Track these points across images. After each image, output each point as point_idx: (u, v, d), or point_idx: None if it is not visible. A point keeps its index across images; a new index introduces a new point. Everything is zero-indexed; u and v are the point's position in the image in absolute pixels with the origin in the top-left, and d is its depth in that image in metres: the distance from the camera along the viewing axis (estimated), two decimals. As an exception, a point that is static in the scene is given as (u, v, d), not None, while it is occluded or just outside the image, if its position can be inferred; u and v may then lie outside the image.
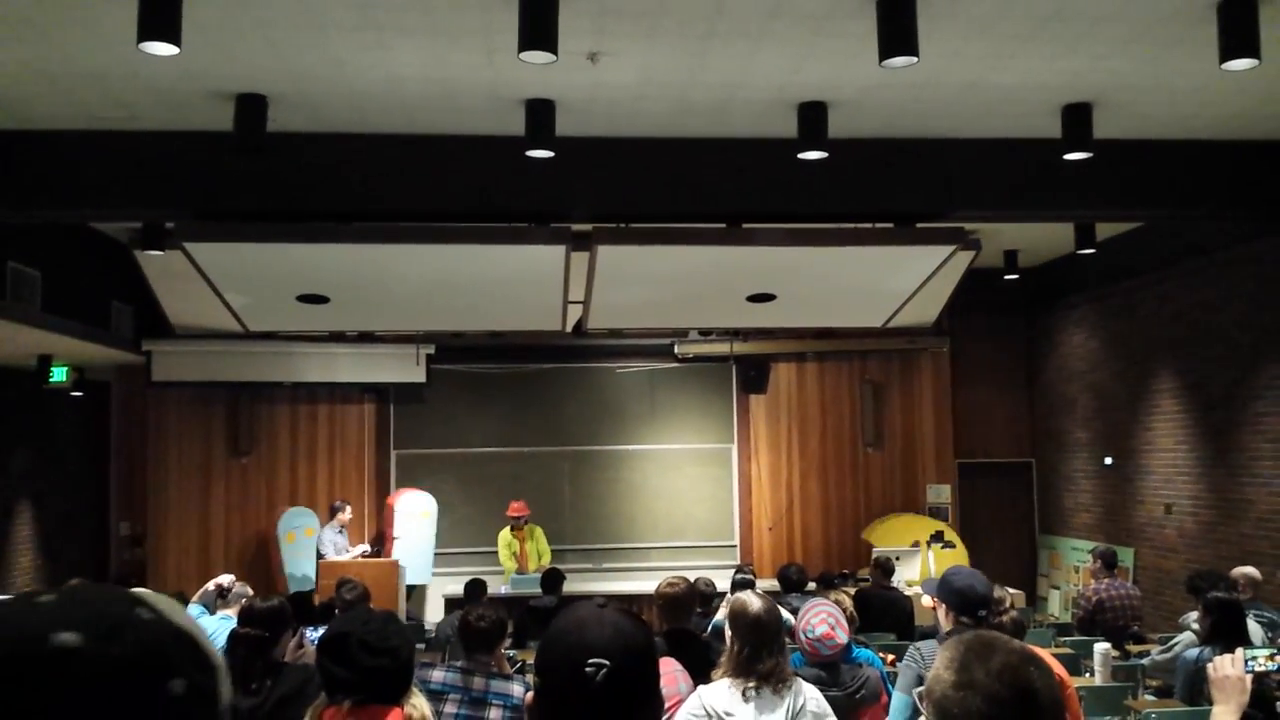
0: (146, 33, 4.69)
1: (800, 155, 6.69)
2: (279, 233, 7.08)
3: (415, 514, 11.68)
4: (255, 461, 12.66)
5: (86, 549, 12.12)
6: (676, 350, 12.93)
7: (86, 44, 5.57)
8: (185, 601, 7.82)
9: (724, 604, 4.00)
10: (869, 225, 7.66)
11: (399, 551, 11.26)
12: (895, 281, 8.29)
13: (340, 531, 11.21)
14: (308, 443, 12.81)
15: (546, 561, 11.17)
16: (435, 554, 11.93)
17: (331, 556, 10.94)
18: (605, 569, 12.59)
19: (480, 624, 4.37)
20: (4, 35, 5.44)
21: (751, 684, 3.51)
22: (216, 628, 5.75)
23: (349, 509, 11.50)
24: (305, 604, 7.16)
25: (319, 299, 8.10)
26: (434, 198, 7.14)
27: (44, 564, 11.61)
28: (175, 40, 4.74)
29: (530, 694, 1.64)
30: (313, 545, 11.43)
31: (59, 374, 10.77)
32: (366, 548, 11.63)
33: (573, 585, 9.77)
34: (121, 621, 0.80)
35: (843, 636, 4.30)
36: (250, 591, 6.70)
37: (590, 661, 1.50)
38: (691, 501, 13.05)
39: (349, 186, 7.09)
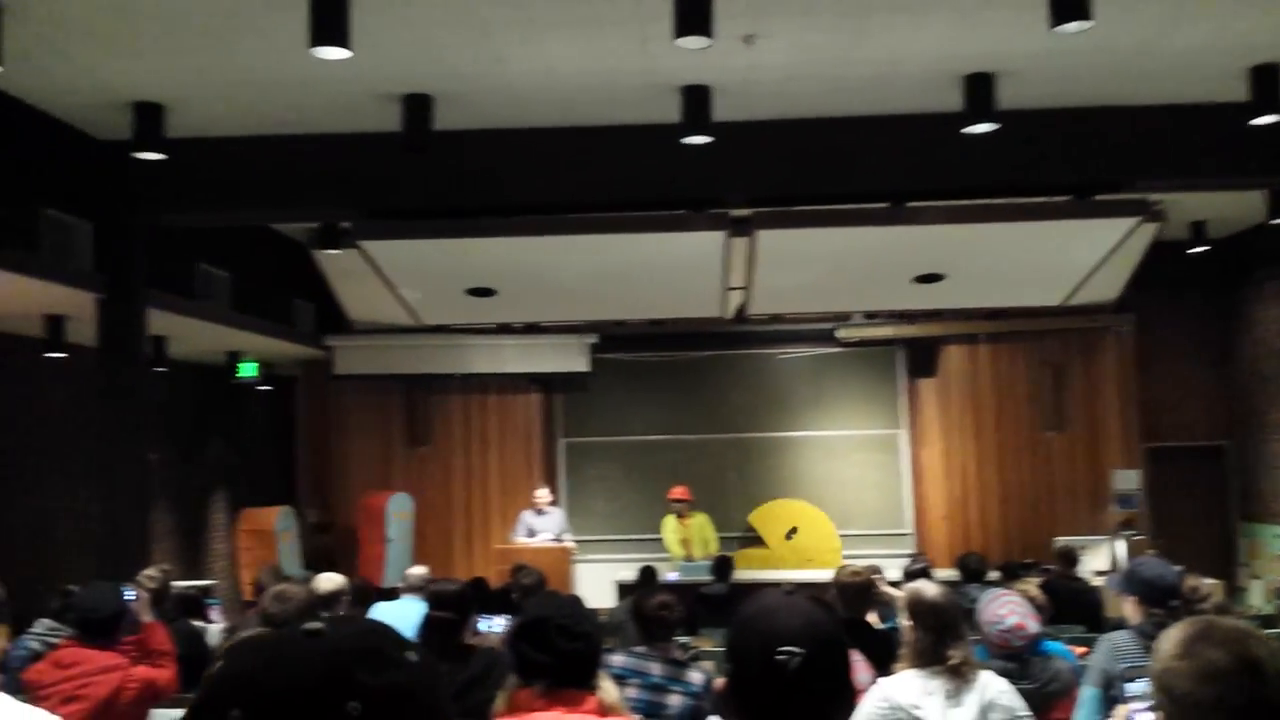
0: (318, 38, 4.87)
1: (966, 129, 6.45)
2: (448, 228, 7.30)
3: (405, 515, 12.04)
4: (432, 451, 13.10)
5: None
6: (839, 334, 12.68)
7: (261, 52, 5.84)
8: (370, 589, 8.11)
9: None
10: (1042, 199, 7.33)
11: (393, 554, 11.59)
12: (1073, 257, 7.91)
13: (540, 514, 11.19)
14: (479, 432, 13.16)
15: (714, 549, 11.14)
16: (604, 540, 12.08)
17: (521, 538, 10.97)
18: (773, 557, 12.50)
19: (665, 613, 4.42)
20: (185, 47, 5.75)
21: (938, 675, 3.39)
22: (409, 612, 5.90)
23: (548, 492, 11.49)
24: (480, 590, 7.37)
25: (487, 292, 8.31)
26: (592, 188, 7.21)
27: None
28: (345, 44, 4.91)
29: (721, 680, 1.63)
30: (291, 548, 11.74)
31: (248, 369, 11.38)
32: (558, 534, 11.59)
33: (741, 574, 9.73)
34: None
35: (1034, 626, 4.13)
36: (418, 574, 6.87)
37: (782, 649, 1.48)
38: (860, 489, 12.80)
39: (511, 181, 7.23)
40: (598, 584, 11.59)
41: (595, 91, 6.52)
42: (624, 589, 10.25)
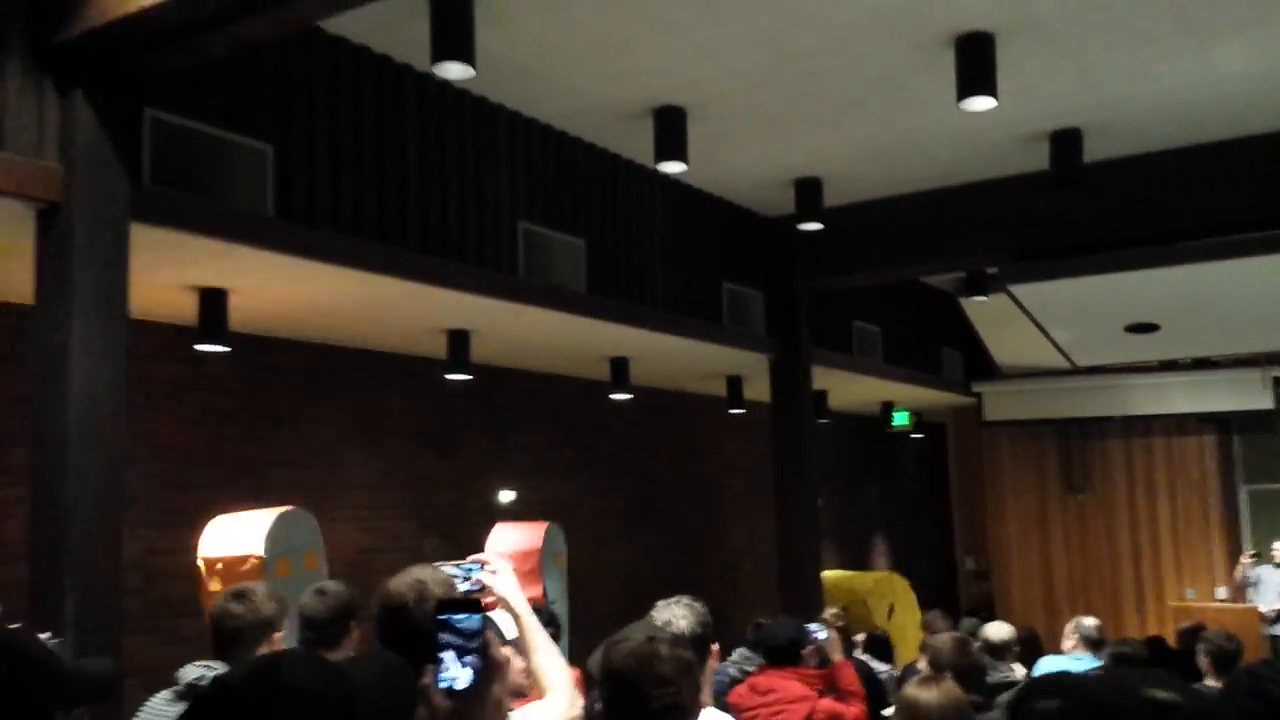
0: (966, 90, 4.97)
1: None
2: (1101, 264, 6.98)
3: None
4: (1091, 498, 12.48)
5: (936, 578, 12.97)
6: None
7: (907, 113, 6.08)
8: (1037, 640, 7.93)
9: None
10: None
11: None
12: None
13: (1277, 568, 9.88)
14: (1145, 478, 12.28)
15: None
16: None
17: (1271, 602, 9.73)
18: None
19: None
20: (838, 120, 6.19)
21: None
22: (1080, 668, 5.67)
23: None
24: (1159, 652, 6.81)
25: (1148, 327, 7.78)
26: (1267, 203, 6.42)
27: (900, 593, 12.69)
28: (992, 92, 4.96)
29: None
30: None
31: (900, 418, 11.78)
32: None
33: None
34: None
35: None
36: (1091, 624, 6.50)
37: None
38: None
39: (1170, 205, 6.70)
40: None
41: (1266, 95, 5.84)
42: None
